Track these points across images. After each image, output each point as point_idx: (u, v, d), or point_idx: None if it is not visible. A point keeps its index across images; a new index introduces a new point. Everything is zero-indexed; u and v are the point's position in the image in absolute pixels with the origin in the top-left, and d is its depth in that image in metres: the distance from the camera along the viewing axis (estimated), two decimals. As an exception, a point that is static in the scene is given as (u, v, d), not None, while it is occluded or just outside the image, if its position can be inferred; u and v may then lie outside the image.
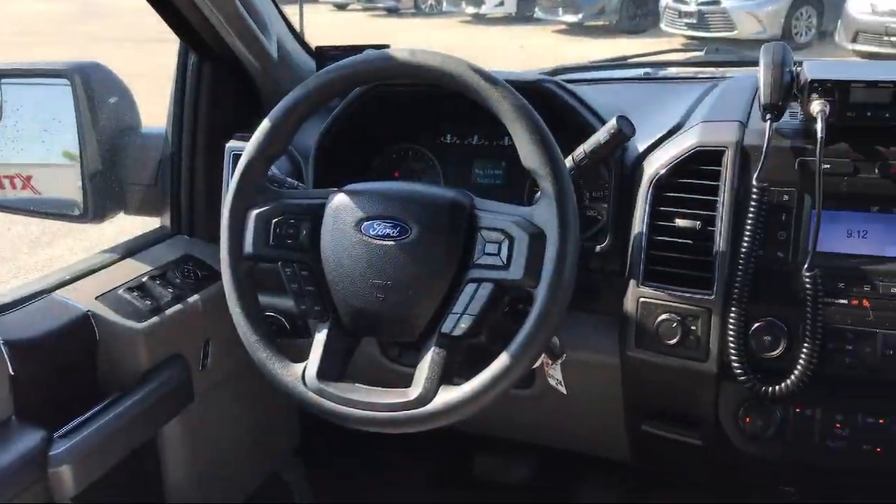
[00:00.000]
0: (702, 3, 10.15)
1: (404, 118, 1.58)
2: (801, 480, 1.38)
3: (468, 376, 1.07)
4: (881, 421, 1.23)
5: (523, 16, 13.15)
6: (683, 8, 10.36)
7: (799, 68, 1.29)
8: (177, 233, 1.69)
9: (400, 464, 2.06)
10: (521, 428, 1.70)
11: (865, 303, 1.20)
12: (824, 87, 1.22)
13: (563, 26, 12.31)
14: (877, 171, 1.20)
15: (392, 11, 14.85)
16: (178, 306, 1.50)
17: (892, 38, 8.58)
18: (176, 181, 1.66)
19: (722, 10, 10.09)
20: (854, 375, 1.21)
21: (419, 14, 14.69)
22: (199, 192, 1.66)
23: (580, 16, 11.85)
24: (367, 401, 1.09)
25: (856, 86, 1.21)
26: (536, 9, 12.72)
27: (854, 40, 8.97)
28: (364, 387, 1.12)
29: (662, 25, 10.76)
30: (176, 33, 1.57)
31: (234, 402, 1.72)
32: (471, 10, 13.71)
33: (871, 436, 1.23)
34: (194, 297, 1.53)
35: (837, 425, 1.24)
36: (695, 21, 10.26)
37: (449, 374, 1.09)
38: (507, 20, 13.45)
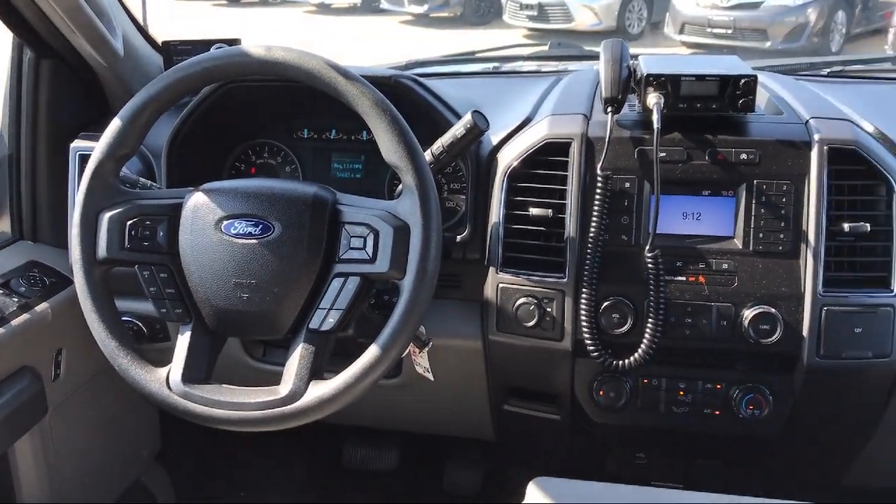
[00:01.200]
0: (541, -4, 10.51)
1: (259, 114, 1.56)
2: (651, 445, 1.49)
3: (338, 370, 1.08)
4: (718, 386, 1.35)
5: (369, 6, 13.12)
6: (524, 1, 10.69)
7: (636, 63, 1.38)
8: (18, 238, 1.60)
9: (267, 461, 2.04)
10: (389, 416, 1.73)
11: (701, 279, 1.31)
12: (658, 81, 1.32)
13: (409, 17, 12.39)
14: (707, 157, 1.31)
15: (233, 1, 14.41)
16: (25, 316, 1.42)
17: (715, 30, 9.25)
18: (16, 183, 1.57)
19: (560, 3, 10.47)
20: (694, 346, 1.32)
21: (263, 4, 14.34)
22: (42, 194, 1.58)
23: (426, 7, 11.96)
24: (235, 401, 1.09)
25: (686, 79, 1.31)
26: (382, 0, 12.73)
27: (681, 32, 9.59)
28: (231, 387, 1.11)
29: (505, 18, 11.06)
30: (9, 28, 1.48)
31: (91, 411, 1.65)
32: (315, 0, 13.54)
33: (711, 400, 1.35)
34: (43, 306, 1.46)
35: (681, 392, 1.35)
36: (535, 13, 10.60)
37: (318, 368, 1.10)
38: (352, 10, 13.38)
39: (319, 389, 1.07)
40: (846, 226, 1.27)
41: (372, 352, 1.07)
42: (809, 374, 1.29)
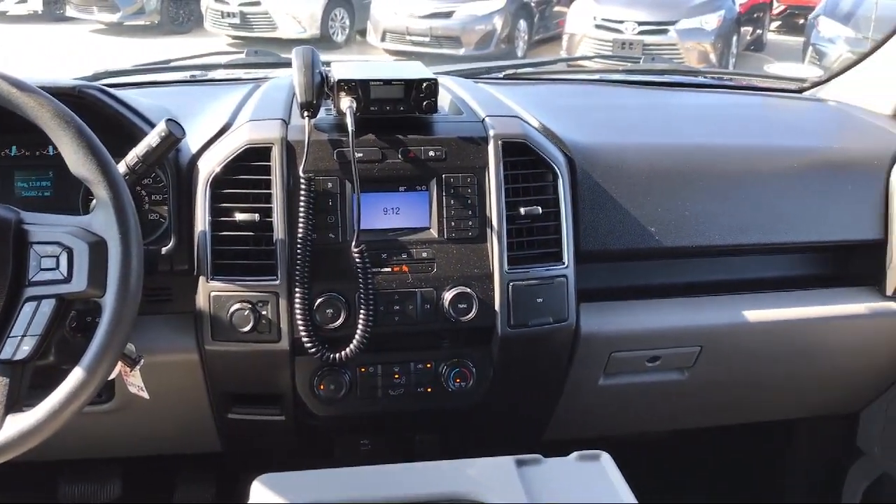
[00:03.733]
0: (243, 4, 10.36)
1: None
2: (375, 430, 1.57)
3: (40, 400, 1.02)
4: (429, 365, 1.45)
5: (52, 14, 12.06)
6: (225, 8, 10.47)
7: (328, 69, 1.45)
8: None
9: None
10: (107, 444, 1.64)
11: (405, 268, 1.40)
12: (350, 86, 1.39)
13: (100, 26, 11.58)
14: (400, 156, 1.41)
15: None
16: None
17: (414, 38, 9.74)
18: None
19: (263, 11, 10.41)
20: (404, 330, 1.41)
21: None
22: None
23: (118, 15, 11.27)
24: None
25: (374, 84, 1.40)
26: (68, 7, 11.77)
27: (383, 40, 9.99)
28: None
29: (207, 25, 10.75)
30: None
31: None
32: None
33: (423, 379, 1.46)
34: None
35: (396, 376, 1.44)
36: (238, 21, 10.44)
37: (16, 401, 1.03)
38: (33, 18, 12.21)
39: (19, 422, 1.01)
40: (522, 210, 1.43)
41: (76, 376, 1.02)
42: (504, 343, 1.44)
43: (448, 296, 1.40)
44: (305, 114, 1.39)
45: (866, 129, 1.73)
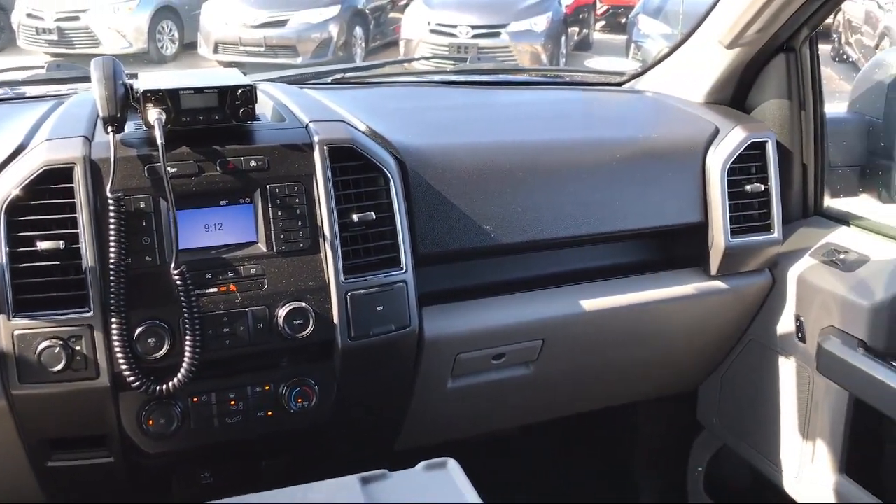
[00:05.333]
0: (60, 19, 9.73)
1: None
2: (214, 462, 1.48)
3: None
4: (267, 388, 1.38)
5: None
6: (40, 24, 9.79)
7: (133, 80, 1.35)
8: None
9: None
10: None
11: (232, 287, 1.32)
12: (157, 97, 1.30)
13: None
14: (218, 167, 1.33)
15: None
16: None
17: (248, 49, 9.49)
18: None
19: (83, 25, 9.82)
20: (236, 353, 1.33)
21: None
22: None
23: None
24: None
25: (185, 93, 1.31)
26: None
27: (216, 51, 9.66)
28: None
29: (21, 43, 10.02)
30: None
31: None
32: None
33: (262, 402, 1.38)
34: None
35: (232, 402, 1.36)
36: (56, 38, 9.79)
37: None
38: None
39: None
40: (355, 217, 1.38)
41: None
42: (346, 356, 1.39)
43: (282, 312, 1.33)
44: (109, 129, 1.28)
45: (681, 117, 1.80)
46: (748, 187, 1.68)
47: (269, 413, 1.39)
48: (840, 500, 1.65)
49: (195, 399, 1.34)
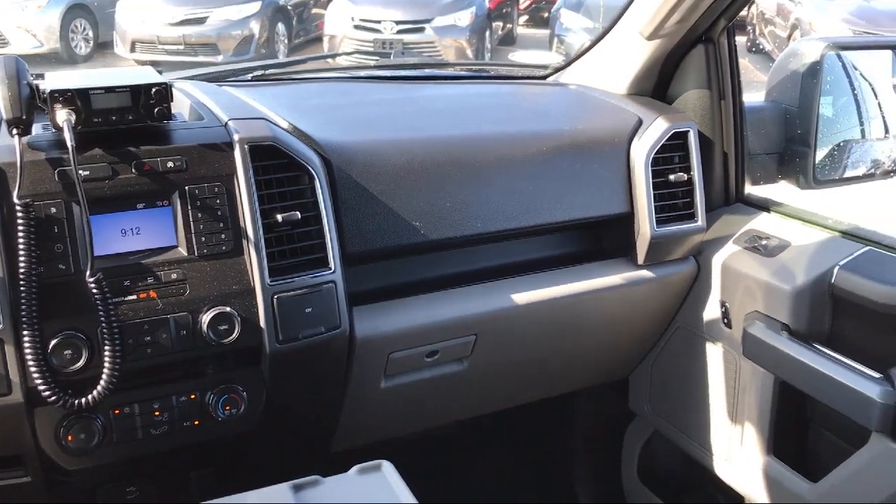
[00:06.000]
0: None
1: None
2: (139, 476, 1.42)
3: None
4: (193, 396, 1.33)
5: None
6: (-57, 23, 9.36)
7: (39, 80, 1.28)
8: None
9: None
10: None
11: (153, 294, 1.27)
12: (66, 97, 1.24)
13: None
14: (134, 170, 1.28)
15: None
16: None
17: (167, 47, 9.24)
18: None
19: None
20: (159, 362, 1.28)
21: None
22: None
23: None
24: None
25: (95, 92, 1.25)
26: None
27: (133, 50, 9.38)
28: None
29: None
30: None
31: None
32: None
33: (188, 411, 1.33)
34: None
35: (156, 413, 1.31)
36: (-40, 38, 9.37)
37: None
38: None
39: None
40: (280, 217, 1.35)
41: None
42: (274, 360, 1.35)
43: (206, 318, 1.29)
44: (14, 132, 1.22)
45: (605, 109, 1.82)
46: (672, 177, 1.71)
47: (196, 422, 1.34)
48: (769, 480, 1.69)
49: (117, 411, 1.29)
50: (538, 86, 2.06)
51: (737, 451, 1.77)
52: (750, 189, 1.89)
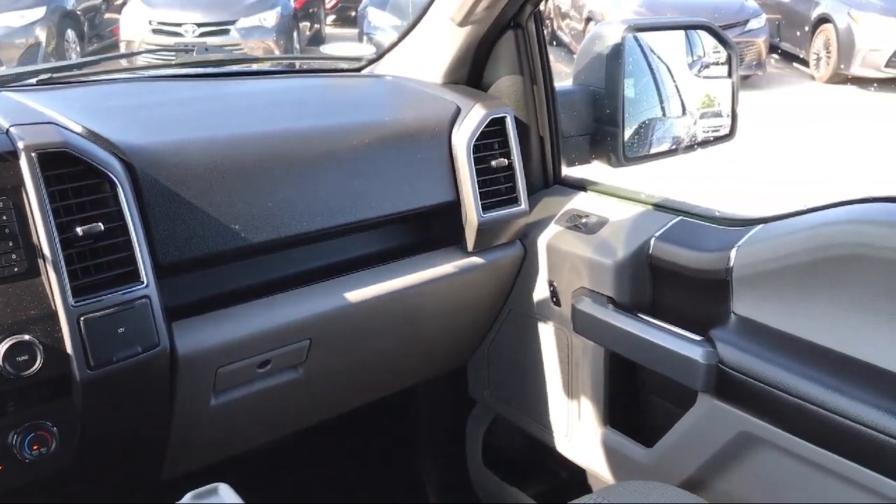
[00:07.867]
0: None
1: None
2: None
3: None
4: None
5: None
6: None
7: None
8: None
9: None
10: None
11: None
12: None
13: None
14: None
15: None
16: None
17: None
18: None
19: None
20: None
21: None
22: None
23: None
24: None
25: None
26: None
27: None
28: None
29: None
30: None
31: None
32: None
33: None
34: None
35: None
36: None
37: None
38: None
39: None
40: (80, 230, 1.22)
41: None
42: (86, 389, 1.22)
43: (1, 350, 1.14)
44: None
45: (423, 99, 1.80)
46: (493, 163, 1.72)
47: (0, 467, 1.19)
48: (607, 450, 1.74)
49: None
50: (353, 78, 2.01)
51: (575, 426, 1.82)
52: (566, 171, 1.94)
